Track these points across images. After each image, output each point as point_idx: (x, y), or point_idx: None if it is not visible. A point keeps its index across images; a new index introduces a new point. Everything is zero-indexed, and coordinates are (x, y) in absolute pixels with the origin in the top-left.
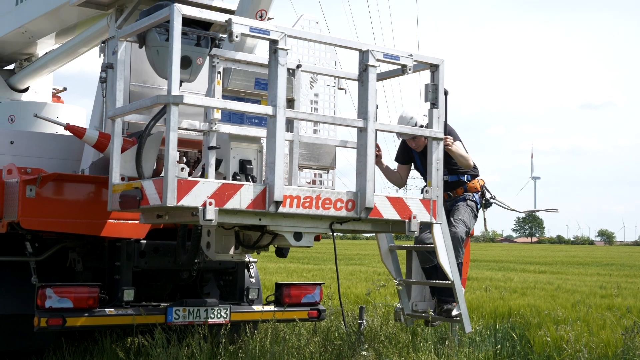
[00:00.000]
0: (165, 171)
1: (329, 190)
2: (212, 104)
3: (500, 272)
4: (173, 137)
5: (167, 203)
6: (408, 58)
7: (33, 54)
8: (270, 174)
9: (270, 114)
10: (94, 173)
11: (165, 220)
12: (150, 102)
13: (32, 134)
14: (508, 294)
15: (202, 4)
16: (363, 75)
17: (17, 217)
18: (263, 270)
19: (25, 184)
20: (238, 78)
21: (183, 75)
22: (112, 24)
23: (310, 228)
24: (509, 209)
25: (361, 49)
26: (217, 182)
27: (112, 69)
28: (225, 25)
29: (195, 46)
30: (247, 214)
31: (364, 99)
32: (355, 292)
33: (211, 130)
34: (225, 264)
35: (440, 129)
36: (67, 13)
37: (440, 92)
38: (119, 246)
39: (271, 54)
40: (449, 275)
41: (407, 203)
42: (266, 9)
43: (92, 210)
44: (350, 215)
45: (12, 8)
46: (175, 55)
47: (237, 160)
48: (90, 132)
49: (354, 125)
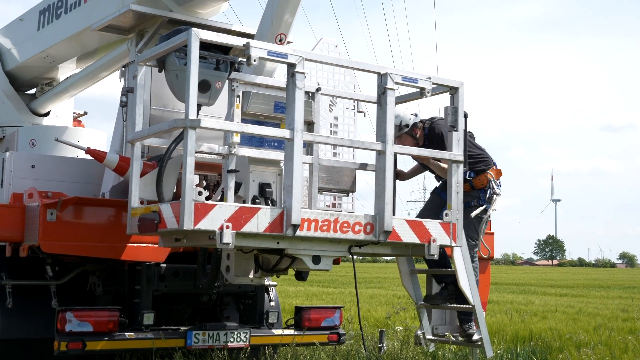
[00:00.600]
0: (183, 195)
1: (347, 214)
2: (230, 127)
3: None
4: (190, 161)
5: (184, 226)
6: (427, 81)
7: (54, 78)
8: (288, 197)
9: (287, 137)
10: (114, 197)
11: (184, 243)
12: (167, 126)
13: (53, 157)
14: (529, 318)
15: (222, 28)
16: (381, 98)
17: (38, 241)
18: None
19: (46, 208)
20: (257, 102)
21: (202, 99)
22: (133, 48)
23: (328, 251)
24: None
25: (380, 72)
26: (234, 205)
27: (132, 93)
28: (244, 48)
29: (215, 70)
30: (264, 238)
31: (383, 122)
32: (375, 315)
33: (230, 153)
34: (245, 288)
35: (460, 152)
36: (88, 38)
37: (459, 114)
38: (139, 270)
39: (289, 77)
40: (470, 299)
41: (426, 226)
42: (285, 32)
43: (113, 234)
44: (368, 238)
45: (34, 33)
46: (192, 79)
47: (257, 184)
48: (111, 155)
49: (373, 148)
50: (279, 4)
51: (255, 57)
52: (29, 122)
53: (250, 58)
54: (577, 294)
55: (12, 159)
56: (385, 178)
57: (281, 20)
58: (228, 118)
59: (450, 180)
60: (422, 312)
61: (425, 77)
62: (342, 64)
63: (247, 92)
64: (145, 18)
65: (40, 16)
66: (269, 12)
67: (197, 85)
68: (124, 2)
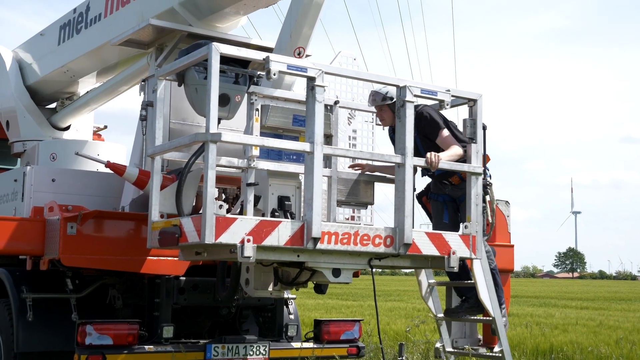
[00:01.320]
0: (204, 208)
1: (367, 227)
2: (250, 141)
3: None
4: (211, 175)
5: (205, 240)
6: (445, 93)
7: (74, 92)
8: (308, 210)
9: (307, 151)
10: (134, 210)
11: (204, 257)
12: (188, 140)
13: (73, 171)
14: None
15: (241, 42)
16: (400, 110)
17: (58, 254)
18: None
19: (66, 222)
20: (276, 115)
21: (221, 113)
22: (152, 62)
23: (348, 264)
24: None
25: (398, 85)
26: (255, 219)
27: (152, 107)
28: (263, 62)
29: (234, 84)
30: (285, 251)
31: (402, 135)
32: (394, 328)
33: (250, 167)
34: (264, 301)
35: (478, 164)
36: (108, 52)
37: (478, 126)
38: (159, 283)
39: (308, 90)
40: (490, 311)
41: (446, 238)
42: (304, 46)
43: (132, 247)
44: (388, 251)
45: (54, 48)
46: (213, 93)
47: (276, 197)
48: (131, 169)
49: (392, 161)
50: (297, 17)
51: (275, 71)
52: (50, 136)
53: (270, 72)
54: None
55: (32, 173)
56: (404, 190)
57: (300, 33)
58: (247, 131)
59: (469, 192)
60: (441, 325)
61: (444, 90)
62: (361, 77)
63: (265, 105)
64: (165, 32)
65: (61, 31)
66: (288, 25)
67: (217, 99)
68: (144, 16)
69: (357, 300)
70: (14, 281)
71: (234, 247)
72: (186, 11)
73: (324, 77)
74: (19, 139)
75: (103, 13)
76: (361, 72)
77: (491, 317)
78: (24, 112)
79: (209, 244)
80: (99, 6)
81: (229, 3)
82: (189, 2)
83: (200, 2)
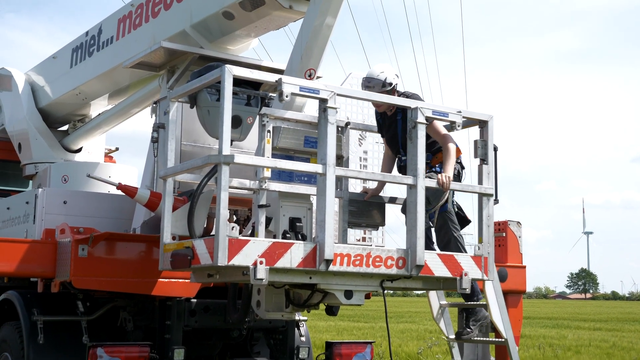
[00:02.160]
0: (217, 230)
1: (379, 248)
2: (262, 163)
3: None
4: (224, 197)
5: (218, 262)
6: (457, 114)
7: (86, 115)
8: (321, 232)
9: (320, 172)
10: (145, 232)
11: (216, 279)
12: (201, 162)
13: (84, 193)
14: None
15: (252, 63)
16: (412, 132)
17: (69, 277)
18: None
19: (77, 244)
20: (288, 136)
21: (233, 135)
22: (164, 84)
23: (360, 286)
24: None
25: (410, 107)
26: (267, 241)
27: (163, 129)
28: (275, 84)
29: (246, 105)
30: (297, 273)
31: (414, 156)
32: (406, 350)
33: (261, 188)
34: (276, 323)
35: (490, 185)
36: (120, 74)
37: (489, 147)
38: (170, 305)
39: (321, 112)
40: (503, 333)
41: (458, 260)
42: (315, 67)
43: (143, 269)
44: (401, 272)
45: (66, 70)
46: (226, 115)
47: (287, 218)
48: (142, 191)
49: (404, 182)
50: (308, 39)
51: (288, 93)
52: (61, 158)
53: (282, 94)
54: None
55: (44, 195)
56: (416, 212)
57: (310, 55)
58: (259, 153)
59: (480, 213)
60: (454, 346)
61: (455, 111)
62: (372, 98)
63: (277, 127)
64: (176, 55)
65: (73, 54)
66: (299, 47)
67: (230, 121)
68: (155, 39)
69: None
70: (25, 303)
71: (246, 269)
72: (198, 34)
73: (336, 99)
74: (31, 161)
75: (115, 36)
76: (372, 94)
77: (503, 339)
78: (36, 134)
79: (221, 266)
80: (111, 29)
81: (240, 25)
82: (201, 25)
83: (212, 25)
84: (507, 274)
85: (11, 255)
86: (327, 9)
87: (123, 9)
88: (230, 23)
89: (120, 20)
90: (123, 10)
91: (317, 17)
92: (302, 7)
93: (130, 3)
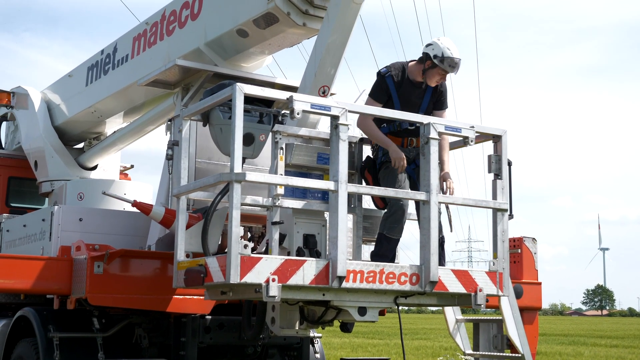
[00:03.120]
0: (229, 248)
1: (392, 264)
2: (274, 180)
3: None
4: (236, 215)
5: (230, 280)
6: (470, 130)
7: (102, 132)
8: (333, 248)
9: (332, 189)
10: (160, 249)
11: (230, 296)
12: (213, 180)
13: (100, 211)
14: None
15: (266, 81)
16: (425, 147)
17: (85, 294)
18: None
19: (93, 261)
20: (300, 153)
21: (246, 152)
22: (178, 102)
23: (374, 303)
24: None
25: (422, 122)
26: (279, 258)
27: (177, 146)
28: (287, 102)
29: (258, 123)
30: (310, 290)
31: (426, 172)
32: None
33: (275, 205)
34: (290, 340)
35: (504, 200)
36: (135, 92)
37: (503, 162)
38: (185, 322)
39: (332, 129)
40: (519, 348)
41: (472, 276)
42: (328, 84)
43: (158, 286)
44: (414, 289)
45: (82, 89)
46: (237, 133)
47: (301, 235)
48: (157, 208)
49: (417, 198)
50: (321, 56)
51: (299, 110)
52: (77, 175)
53: (294, 111)
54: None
55: (60, 213)
56: (430, 228)
57: (324, 72)
58: (272, 170)
59: (495, 228)
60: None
61: (468, 126)
62: (385, 114)
63: (290, 144)
64: (191, 72)
65: (89, 72)
66: (312, 65)
67: (242, 139)
68: (170, 57)
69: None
70: (41, 320)
71: (259, 286)
72: (212, 51)
73: (347, 116)
74: (47, 179)
75: (130, 54)
76: (385, 110)
77: (520, 354)
78: (52, 152)
79: (234, 284)
80: (126, 47)
81: (254, 43)
82: (215, 43)
83: (226, 43)
84: (522, 291)
85: (27, 272)
86: (340, 27)
87: (138, 28)
88: (244, 41)
89: (135, 38)
90: (138, 29)
91: (331, 35)
92: (315, 24)
93: (145, 21)
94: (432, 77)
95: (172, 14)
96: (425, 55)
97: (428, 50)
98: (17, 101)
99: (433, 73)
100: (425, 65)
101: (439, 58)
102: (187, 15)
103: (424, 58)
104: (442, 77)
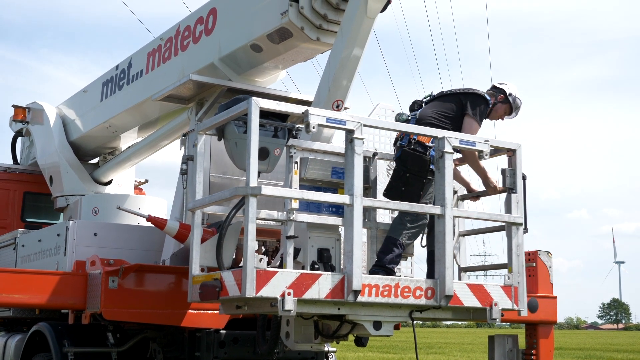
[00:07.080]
0: (245, 262)
1: (407, 278)
2: (289, 194)
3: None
4: (252, 228)
5: (246, 294)
6: (484, 144)
7: (116, 147)
8: (348, 263)
9: (347, 203)
10: (174, 264)
11: (245, 310)
12: (229, 194)
13: (115, 225)
14: None
15: (280, 95)
16: (439, 161)
17: (100, 308)
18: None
19: (107, 275)
20: (315, 167)
21: (261, 166)
22: (193, 117)
23: (389, 317)
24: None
25: (437, 136)
26: (295, 272)
27: (192, 161)
28: (302, 116)
29: (273, 137)
30: (325, 304)
31: (441, 186)
32: None
33: (289, 219)
34: (305, 354)
35: (519, 214)
36: (149, 107)
37: (518, 176)
38: (199, 336)
39: (347, 143)
40: None
41: (487, 290)
42: (343, 98)
43: (173, 301)
44: (430, 303)
45: (97, 104)
46: (253, 147)
47: (316, 249)
48: (171, 223)
49: (432, 212)
50: (335, 70)
51: (315, 124)
52: (92, 190)
53: (309, 125)
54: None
55: (75, 227)
56: (445, 242)
57: (338, 86)
58: (286, 184)
59: (510, 242)
60: None
61: (482, 140)
62: (400, 128)
63: (304, 158)
64: (205, 87)
65: (104, 87)
66: (326, 79)
67: (257, 153)
68: (184, 72)
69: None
70: (56, 335)
71: (274, 300)
72: (226, 66)
73: (362, 130)
74: (62, 194)
75: (145, 69)
76: (400, 124)
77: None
78: (67, 167)
79: (249, 298)
80: (141, 62)
81: (268, 58)
82: (229, 58)
83: (240, 57)
84: (537, 305)
85: (42, 287)
86: (354, 41)
87: (152, 43)
88: (258, 55)
89: (150, 53)
90: (153, 44)
91: (345, 49)
92: (329, 39)
93: (159, 37)
94: (498, 111)
95: (186, 29)
96: (499, 90)
97: (503, 87)
98: (33, 117)
99: (503, 108)
100: (498, 98)
101: (513, 97)
102: (202, 30)
103: (496, 92)
104: (504, 115)
